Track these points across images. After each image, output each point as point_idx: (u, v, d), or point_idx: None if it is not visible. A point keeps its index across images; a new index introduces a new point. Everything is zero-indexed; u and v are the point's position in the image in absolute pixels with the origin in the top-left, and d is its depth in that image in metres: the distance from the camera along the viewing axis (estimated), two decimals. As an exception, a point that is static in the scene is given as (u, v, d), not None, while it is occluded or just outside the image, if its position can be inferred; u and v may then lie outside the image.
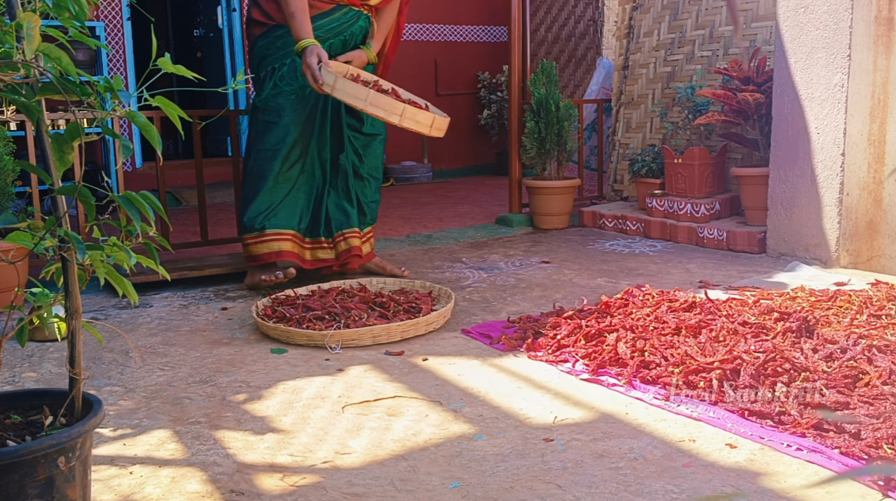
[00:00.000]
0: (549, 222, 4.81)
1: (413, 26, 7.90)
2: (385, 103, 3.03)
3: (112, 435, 1.97)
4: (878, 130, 3.57)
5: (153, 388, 2.30)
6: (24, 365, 2.51)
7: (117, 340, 2.73)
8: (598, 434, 1.93)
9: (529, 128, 4.78)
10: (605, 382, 2.25)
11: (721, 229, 4.08)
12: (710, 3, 4.70)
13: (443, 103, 8.07)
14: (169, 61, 1.34)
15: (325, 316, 2.81)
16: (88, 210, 1.34)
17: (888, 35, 3.53)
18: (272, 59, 3.40)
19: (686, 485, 1.66)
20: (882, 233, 3.65)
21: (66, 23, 1.37)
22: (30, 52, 1.19)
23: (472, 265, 3.86)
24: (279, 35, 3.37)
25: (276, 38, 3.39)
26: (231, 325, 2.94)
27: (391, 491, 1.67)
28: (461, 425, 2.00)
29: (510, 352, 2.55)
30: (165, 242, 1.51)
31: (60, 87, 1.27)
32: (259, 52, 3.44)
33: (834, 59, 3.50)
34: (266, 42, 3.41)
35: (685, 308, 2.69)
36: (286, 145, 3.37)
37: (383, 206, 6.05)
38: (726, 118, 4.15)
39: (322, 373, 2.39)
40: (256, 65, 3.45)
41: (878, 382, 2.01)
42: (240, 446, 1.90)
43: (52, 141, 1.33)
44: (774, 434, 1.87)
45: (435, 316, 2.79)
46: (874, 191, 3.63)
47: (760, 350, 2.20)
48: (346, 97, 3.05)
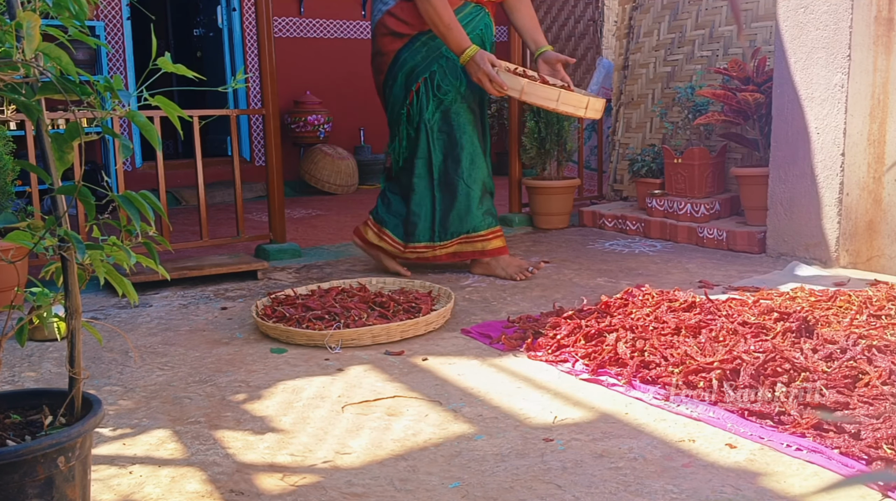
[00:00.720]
0: (549, 222, 4.81)
1: (413, 26, 7.89)
2: (574, 99, 3.13)
3: (112, 435, 1.97)
4: (877, 130, 3.57)
5: (153, 388, 2.30)
6: (23, 365, 2.51)
7: (117, 340, 2.73)
8: (597, 434, 1.93)
9: (529, 128, 4.78)
10: (605, 382, 2.25)
11: (721, 229, 4.08)
12: (710, 3, 4.70)
13: (443, 103, 8.08)
14: (169, 61, 1.34)
15: (325, 315, 2.81)
16: (88, 209, 1.34)
17: (888, 35, 3.53)
18: (421, 69, 3.44)
19: (686, 485, 1.66)
20: (882, 233, 3.65)
21: (66, 22, 1.37)
22: (30, 52, 1.19)
23: (471, 265, 3.86)
24: (423, 42, 3.41)
25: (420, 47, 3.43)
26: (231, 325, 2.94)
27: (391, 491, 1.67)
28: (461, 425, 2.00)
29: (510, 352, 2.55)
30: (165, 242, 1.51)
31: (60, 87, 1.27)
32: (403, 64, 3.46)
33: (834, 59, 3.50)
34: (410, 53, 3.44)
35: (685, 308, 2.69)
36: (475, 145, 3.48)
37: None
38: (726, 118, 4.15)
39: (322, 373, 2.39)
40: (404, 77, 3.47)
41: (877, 382, 2.00)
42: (239, 446, 1.90)
43: (51, 140, 1.33)
44: (774, 434, 1.87)
45: (435, 316, 2.79)
46: (874, 191, 3.63)
47: (760, 350, 2.20)
48: (536, 99, 3.15)
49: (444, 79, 3.42)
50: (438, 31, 3.25)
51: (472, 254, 3.55)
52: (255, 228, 4.70)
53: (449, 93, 3.43)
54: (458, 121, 3.45)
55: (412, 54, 3.44)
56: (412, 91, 3.46)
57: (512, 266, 3.53)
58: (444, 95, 3.42)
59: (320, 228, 5.10)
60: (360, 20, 7.56)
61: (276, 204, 4.04)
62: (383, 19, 3.48)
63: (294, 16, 7.19)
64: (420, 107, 3.45)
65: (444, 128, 3.47)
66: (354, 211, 5.84)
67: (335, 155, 6.89)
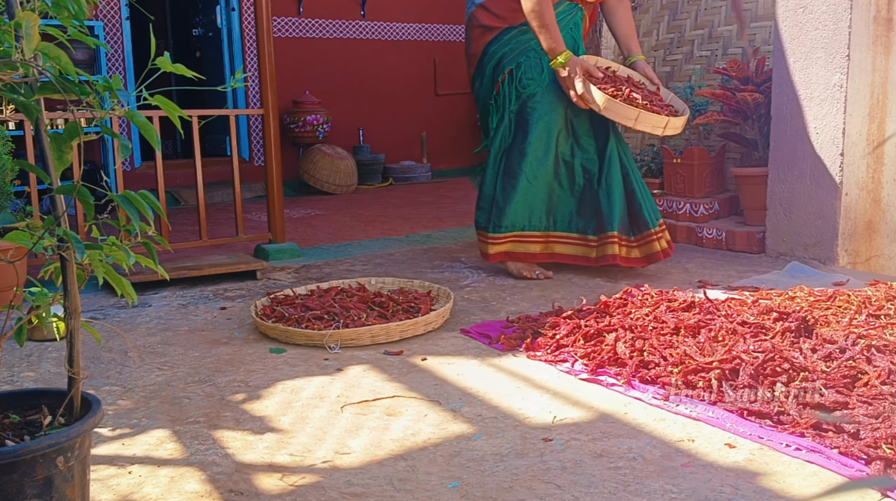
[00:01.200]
0: (548, 222, 4.80)
1: (411, 26, 7.89)
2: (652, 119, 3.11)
3: (111, 435, 1.97)
4: (876, 130, 3.58)
5: (152, 388, 2.30)
6: (22, 365, 2.50)
7: (116, 340, 2.72)
8: (596, 433, 1.93)
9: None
10: (604, 382, 2.25)
11: (720, 229, 4.08)
12: (709, 2, 4.70)
13: (441, 103, 8.08)
14: (168, 60, 1.34)
15: (324, 315, 2.81)
16: (87, 209, 1.34)
17: (887, 35, 3.53)
18: (507, 61, 3.44)
19: (685, 485, 1.66)
20: (881, 232, 3.65)
21: (66, 22, 1.37)
22: (28, 51, 1.19)
23: (471, 265, 3.86)
24: (512, 36, 3.42)
25: (508, 40, 3.44)
26: (230, 325, 2.94)
27: (390, 491, 1.67)
28: (460, 425, 2.00)
29: (509, 352, 2.55)
30: (164, 242, 1.51)
31: (59, 87, 1.27)
32: (491, 57, 3.48)
33: (833, 59, 3.50)
34: (498, 46, 3.46)
35: (684, 307, 2.69)
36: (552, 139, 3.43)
37: (382, 206, 6.07)
38: (725, 118, 4.15)
39: (321, 373, 2.39)
40: (491, 69, 3.48)
41: (876, 382, 2.01)
42: (239, 446, 1.90)
43: (50, 140, 1.33)
44: (773, 433, 1.87)
45: (434, 316, 2.79)
46: (873, 190, 3.64)
47: (759, 349, 2.20)
48: (614, 116, 3.14)
49: (528, 72, 3.42)
50: (535, 28, 3.22)
51: (524, 257, 3.51)
52: (254, 228, 4.70)
53: (528, 86, 3.42)
54: (533, 115, 3.42)
55: (500, 47, 3.46)
56: (498, 82, 3.48)
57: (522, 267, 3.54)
58: (523, 88, 3.42)
59: (319, 228, 5.10)
60: (360, 20, 7.56)
61: (276, 204, 4.04)
62: (475, 13, 3.51)
63: (293, 16, 7.19)
64: (504, 98, 3.48)
65: (521, 122, 3.46)
66: (354, 211, 5.84)
67: (334, 155, 6.89)
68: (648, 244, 3.41)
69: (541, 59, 3.41)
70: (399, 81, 7.83)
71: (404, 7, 7.79)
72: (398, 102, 7.81)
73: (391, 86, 7.76)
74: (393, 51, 7.78)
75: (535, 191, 3.44)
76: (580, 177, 3.47)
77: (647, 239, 3.42)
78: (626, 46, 3.57)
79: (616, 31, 3.60)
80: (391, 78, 7.77)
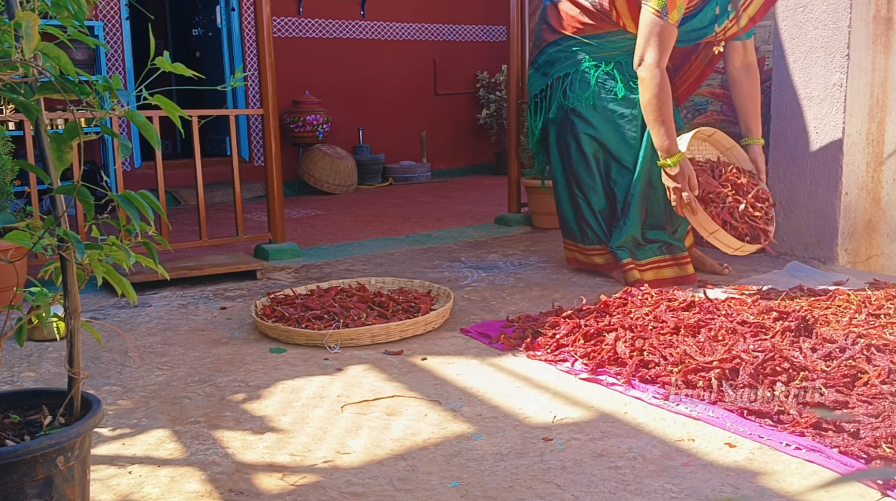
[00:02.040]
0: (548, 221, 4.80)
1: (412, 26, 7.89)
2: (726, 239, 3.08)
3: (111, 435, 1.97)
4: (876, 130, 3.58)
5: (152, 388, 2.30)
6: (22, 365, 2.50)
7: (116, 340, 2.72)
8: (597, 433, 1.93)
9: (528, 128, 4.78)
10: (604, 381, 2.25)
11: (720, 228, 4.08)
12: (709, 2, 4.69)
13: (441, 102, 8.08)
14: (167, 60, 1.34)
15: (324, 315, 2.81)
16: (87, 209, 1.34)
17: (887, 34, 3.53)
18: (560, 66, 3.44)
19: (685, 484, 1.66)
20: (880, 232, 3.65)
21: (65, 22, 1.37)
22: (28, 51, 1.19)
23: (470, 264, 3.86)
24: (568, 45, 3.42)
25: (565, 48, 3.43)
26: (230, 325, 2.94)
27: (390, 491, 1.67)
28: (460, 424, 2.00)
29: (509, 352, 2.55)
30: (164, 241, 1.51)
31: (59, 87, 1.27)
32: (548, 57, 3.49)
33: (833, 59, 3.50)
34: (556, 49, 3.46)
35: (684, 307, 2.69)
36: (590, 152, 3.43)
37: (382, 206, 6.08)
38: (725, 117, 4.15)
39: (321, 373, 2.39)
40: (545, 68, 3.50)
41: (876, 381, 2.01)
42: (239, 445, 1.90)
43: (50, 140, 1.33)
44: (773, 433, 1.87)
45: (434, 316, 2.79)
46: (873, 190, 3.64)
47: (759, 349, 2.20)
48: (693, 222, 3.08)
49: (571, 86, 3.40)
50: (649, 121, 3.09)
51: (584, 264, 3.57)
52: (254, 228, 4.70)
53: (570, 98, 3.40)
54: (564, 132, 3.47)
55: (556, 52, 3.46)
56: (548, 86, 3.49)
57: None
58: (565, 99, 3.42)
59: (319, 228, 5.10)
60: (360, 20, 7.56)
61: (276, 204, 4.04)
62: (548, 8, 3.50)
63: (293, 15, 7.19)
64: (547, 104, 3.49)
65: (554, 132, 3.52)
66: (353, 211, 5.84)
67: (334, 155, 6.89)
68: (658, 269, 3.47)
69: (589, 76, 3.37)
70: (399, 81, 7.83)
71: (404, 7, 7.79)
72: (398, 102, 7.81)
73: (391, 85, 7.76)
74: (393, 50, 7.78)
75: (562, 203, 3.58)
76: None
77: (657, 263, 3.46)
78: (745, 125, 3.34)
79: (738, 105, 3.37)
80: (391, 78, 7.77)
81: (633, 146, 3.32)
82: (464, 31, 8.19)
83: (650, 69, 3.04)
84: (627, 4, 3.19)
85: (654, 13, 3.01)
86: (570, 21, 3.38)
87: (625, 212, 3.35)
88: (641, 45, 3.08)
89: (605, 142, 3.36)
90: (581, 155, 3.42)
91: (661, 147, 3.06)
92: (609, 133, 3.35)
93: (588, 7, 3.29)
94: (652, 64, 3.04)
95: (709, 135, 3.29)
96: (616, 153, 3.36)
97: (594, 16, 3.30)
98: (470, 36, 8.23)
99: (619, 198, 3.38)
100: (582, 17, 3.33)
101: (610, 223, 3.43)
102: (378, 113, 7.70)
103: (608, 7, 3.22)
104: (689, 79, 3.56)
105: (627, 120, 3.32)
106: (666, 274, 3.37)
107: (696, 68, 3.51)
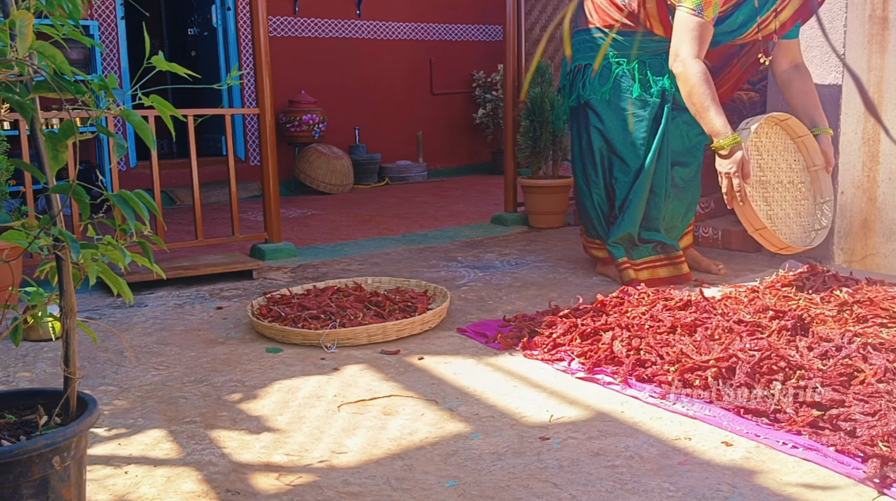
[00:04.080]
0: (544, 221, 4.81)
1: (408, 25, 7.89)
2: (771, 237, 3.06)
3: (107, 435, 1.97)
4: (872, 129, 3.58)
5: (148, 388, 2.29)
6: (18, 365, 2.50)
7: (112, 339, 2.72)
8: (594, 432, 1.93)
9: (524, 127, 4.78)
10: (601, 381, 2.25)
11: (716, 228, 4.08)
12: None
13: (438, 102, 8.08)
14: (163, 59, 1.34)
15: (321, 315, 2.81)
16: (83, 209, 1.34)
17: (882, 34, 3.54)
18: (582, 55, 3.46)
19: (682, 483, 1.66)
20: (876, 231, 3.66)
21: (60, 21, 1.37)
22: (23, 50, 1.18)
23: (467, 264, 3.86)
24: (591, 37, 3.43)
25: (589, 39, 3.44)
26: (226, 324, 2.94)
27: (387, 490, 1.67)
28: (457, 424, 2.00)
29: (506, 351, 2.55)
30: (160, 241, 1.51)
31: (55, 86, 1.26)
32: (574, 45, 3.52)
33: (828, 58, 3.50)
34: (580, 38, 3.48)
35: (681, 306, 2.69)
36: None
37: (378, 205, 6.07)
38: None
39: (317, 372, 2.39)
40: (574, 54, 3.52)
41: (873, 380, 2.01)
42: (235, 445, 1.90)
43: (46, 139, 1.32)
44: (770, 432, 1.87)
45: (430, 315, 2.79)
46: (868, 189, 3.64)
47: (756, 348, 2.20)
48: (741, 216, 3.02)
49: (590, 78, 3.41)
50: (696, 111, 3.01)
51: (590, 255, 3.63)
52: (250, 228, 4.70)
53: (587, 89, 3.42)
54: (579, 122, 3.49)
55: (583, 41, 3.47)
56: (572, 71, 3.51)
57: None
58: (583, 89, 3.44)
59: (315, 228, 5.09)
60: (355, 19, 7.56)
61: (272, 203, 4.04)
62: (583, 2, 3.51)
63: (289, 15, 7.18)
64: (569, 90, 3.53)
65: (573, 120, 3.56)
66: (350, 210, 5.84)
67: (330, 154, 6.88)
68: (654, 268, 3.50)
69: (608, 71, 3.37)
70: (395, 81, 7.82)
71: (400, 6, 7.78)
72: (394, 102, 7.81)
73: (387, 85, 7.76)
74: (389, 50, 7.77)
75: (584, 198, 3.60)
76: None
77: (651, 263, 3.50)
78: (810, 118, 3.22)
79: (796, 102, 3.25)
80: (387, 77, 7.76)
81: (638, 147, 3.33)
82: (460, 31, 8.19)
83: (685, 62, 3.01)
84: (657, 6, 3.19)
85: (690, 12, 3.02)
86: (601, 14, 3.40)
87: (623, 209, 3.36)
88: (676, 43, 3.06)
89: (611, 139, 3.38)
90: (589, 147, 3.45)
91: (711, 131, 2.97)
92: (616, 130, 3.37)
93: (618, 3, 3.31)
94: (687, 57, 3.01)
95: (782, 120, 3.18)
96: (620, 151, 3.37)
97: (623, 13, 3.32)
98: (466, 35, 8.23)
99: (619, 195, 3.39)
100: (612, 11, 3.35)
101: (608, 219, 3.45)
102: (374, 112, 7.69)
103: (637, 8, 3.24)
104: (728, 82, 3.54)
105: (638, 119, 3.33)
106: (661, 273, 3.38)
107: (735, 72, 3.51)
